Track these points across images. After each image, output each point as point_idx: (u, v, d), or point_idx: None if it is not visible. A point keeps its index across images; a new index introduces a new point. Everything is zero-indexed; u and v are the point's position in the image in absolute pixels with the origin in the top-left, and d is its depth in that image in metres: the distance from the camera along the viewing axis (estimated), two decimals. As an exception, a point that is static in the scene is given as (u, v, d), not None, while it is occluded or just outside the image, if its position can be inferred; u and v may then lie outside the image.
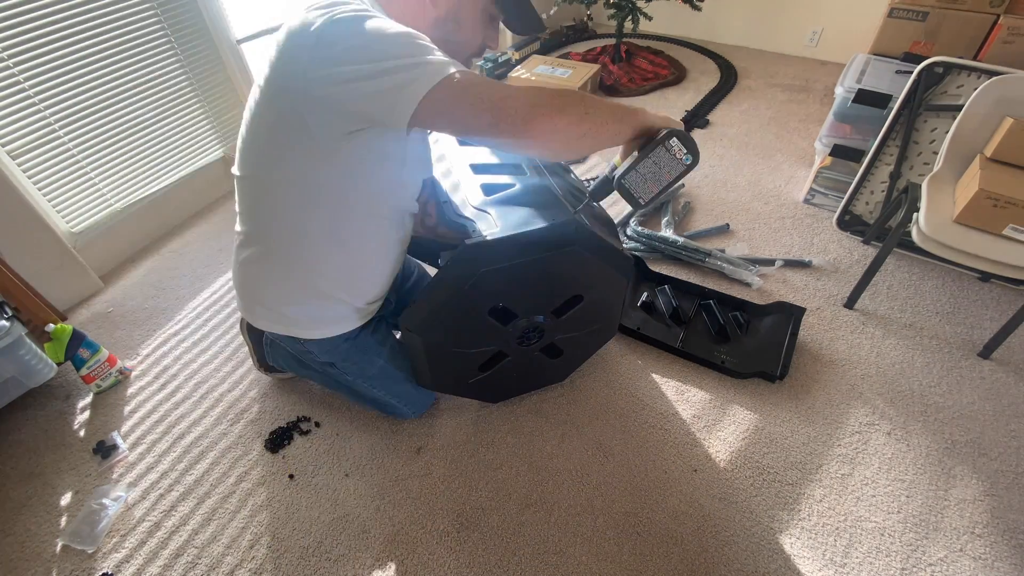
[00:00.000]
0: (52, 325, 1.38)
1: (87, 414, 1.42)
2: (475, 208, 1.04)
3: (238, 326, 1.43)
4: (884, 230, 1.69)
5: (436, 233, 1.15)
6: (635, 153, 0.88)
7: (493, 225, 0.99)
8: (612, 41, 3.03)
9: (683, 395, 1.37)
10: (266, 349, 1.38)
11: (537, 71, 2.75)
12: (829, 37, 2.94)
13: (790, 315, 1.47)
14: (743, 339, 1.46)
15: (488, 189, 1.09)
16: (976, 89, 1.35)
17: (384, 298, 1.16)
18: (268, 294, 1.04)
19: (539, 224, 0.98)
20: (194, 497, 1.22)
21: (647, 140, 0.89)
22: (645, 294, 1.58)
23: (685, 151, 0.86)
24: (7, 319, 1.26)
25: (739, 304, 1.55)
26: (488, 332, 1.11)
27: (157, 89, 1.84)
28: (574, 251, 1.01)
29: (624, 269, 1.12)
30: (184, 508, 1.21)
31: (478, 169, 1.15)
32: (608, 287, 1.15)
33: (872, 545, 1.08)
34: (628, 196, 0.89)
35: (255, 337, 1.38)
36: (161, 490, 1.24)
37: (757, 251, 1.78)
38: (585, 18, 3.51)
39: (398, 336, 1.36)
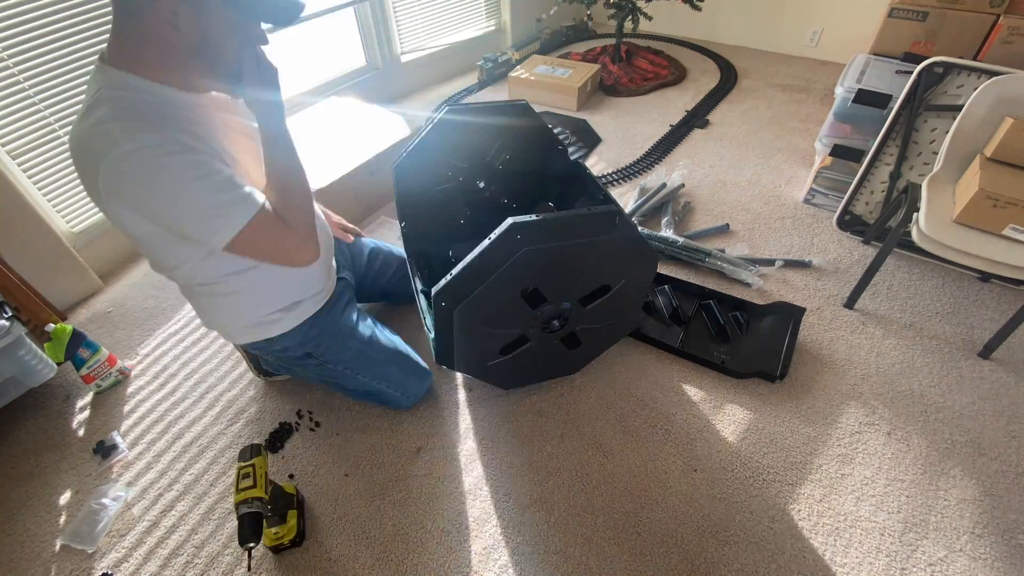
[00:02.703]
0: (52, 325, 1.38)
1: (87, 414, 1.42)
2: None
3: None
4: (884, 230, 1.69)
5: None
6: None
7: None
8: (612, 41, 3.03)
9: (683, 395, 1.37)
10: (260, 357, 1.38)
11: (537, 71, 2.75)
12: (829, 37, 2.94)
13: (790, 315, 1.47)
14: (743, 339, 1.46)
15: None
16: (976, 89, 1.35)
17: (336, 280, 1.23)
18: (223, 322, 1.11)
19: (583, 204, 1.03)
20: (193, 496, 1.22)
21: None
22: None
23: None
24: (7, 319, 1.26)
25: (739, 304, 1.55)
26: (517, 314, 1.13)
27: (157, 89, 1.84)
28: (612, 239, 1.04)
29: (651, 264, 1.16)
30: (183, 507, 1.21)
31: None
32: (634, 280, 1.18)
33: (872, 545, 1.08)
34: None
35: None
36: (161, 489, 1.24)
37: (757, 251, 1.78)
38: (585, 18, 3.50)
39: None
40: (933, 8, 1.80)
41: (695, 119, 2.54)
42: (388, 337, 1.31)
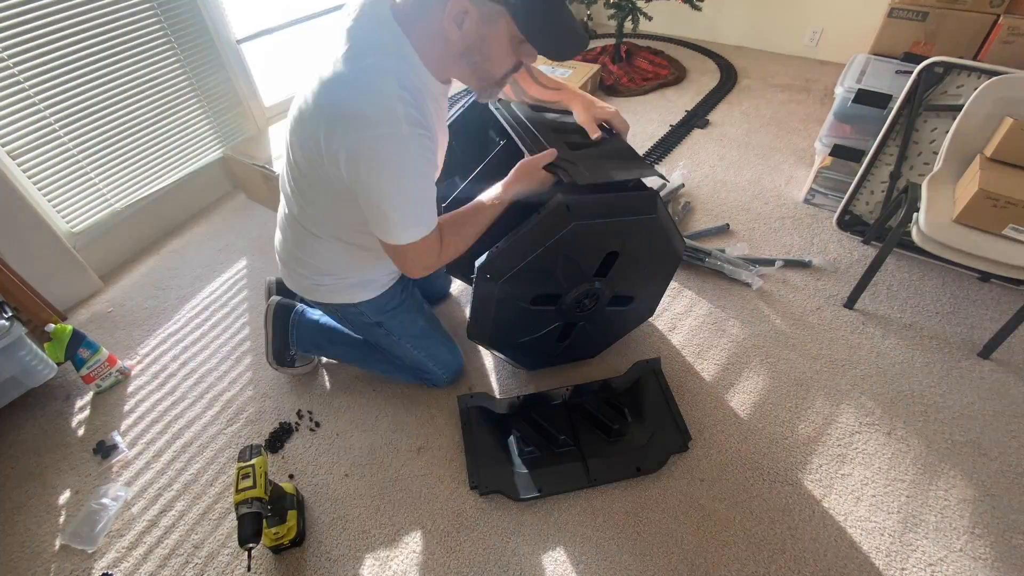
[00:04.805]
0: (52, 325, 1.38)
1: (87, 414, 1.42)
2: (564, 160, 1.09)
3: (264, 314, 1.40)
4: (884, 230, 1.69)
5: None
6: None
7: (584, 174, 1.05)
8: (612, 41, 3.03)
9: (682, 395, 1.37)
10: (292, 333, 1.39)
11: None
12: (829, 37, 2.94)
13: (650, 371, 1.36)
14: (632, 425, 1.27)
15: (574, 146, 1.16)
16: (976, 89, 1.35)
17: None
18: (321, 271, 1.14)
19: (626, 178, 1.07)
20: (193, 496, 1.22)
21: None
22: (513, 436, 1.26)
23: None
24: (7, 319, 1.26)
25: (601, 386, 1.36)
26: (555, 290, 1.16)
27: (157, 89, 1.84)
28: (652, 220, 1.07)
29: (679, 250, 1.19)
30: (182, 507, 1.21)
31: (558, 130, 1.22)
32: (663, 264, 1.22)
33: (872, 545, 1.08)
34: None
35: (279, 325, 1.39)
36: (161, 490, 1.24)
37: (757, 251, 1.78)
38: (585, 18, 3.51)
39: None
40: (933, 8, 1.80)
41: (695, 119, 2.53)
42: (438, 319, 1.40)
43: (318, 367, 1.49)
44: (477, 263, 1.07)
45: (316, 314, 1.41)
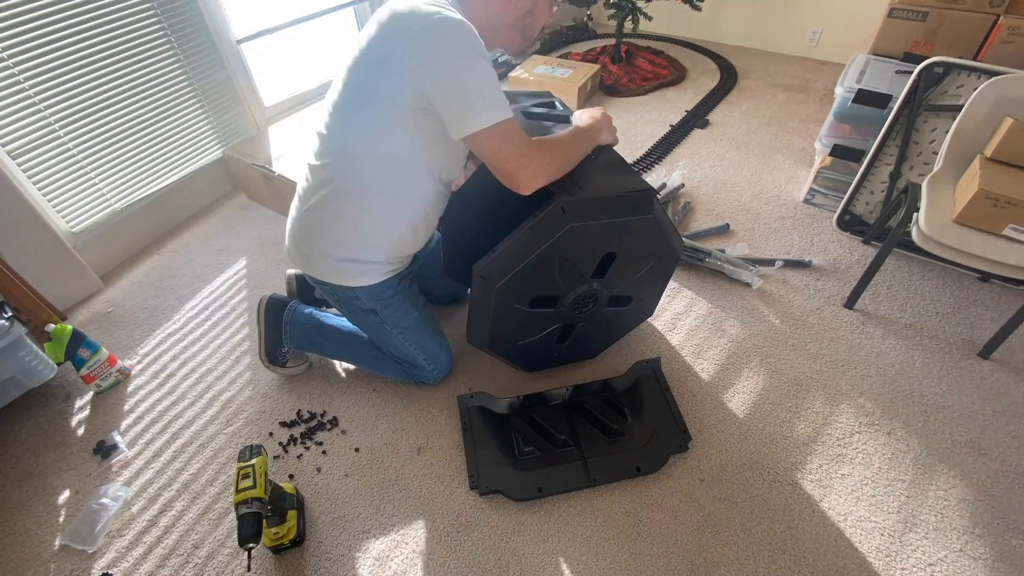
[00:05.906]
0: (52, 325, 1.38)
1: (87, 414, 1.42)
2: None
3: (256, 309, 1.41)
4: (884, 230, 1.69)
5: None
6: None
7: (583, 188, 1.05)
8: (612, 41, 3.03)
9: (681, 394, 1.37)
10: (286, 329, 1.39)
11: (537, 71, 2.75)
12: (829, 37, 2.94)
13: (650, 371, 1.37)
14: (632, 425, 1.27)
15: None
16: (976, 89, 1.35)
17: (414, 255, 1.30)
18: (333, 242, 1.14)
19: (619, 188, 1.07)
20: (192, 496, 1.22)
21: None
22: (513, 437, 1.27)
23: None
24: (7, 319, 1.26)
25: (602, 386, 1.36)
26: (553, 292, 1.16)
27: (157, 89, 1.84)
28: (649, 220, 1.07)
29: (678, 249, 1.20)
30: (181, 506, 1.21)
31: (531, 116, 1.22)
32: (661, 264, 1.21)
33: (872, 545, 1.08)
34: None
35: (272, 321, 1.39)
36: (161, 490, 1.24)
37: (757, 251, 1.78)
38: (585, 18, 3.51)
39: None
40: (933, 8, 1.81)
41: (695, 119, 2.53)
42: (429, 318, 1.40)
43: (311, 368, 1.49)
44: (474, 267, 1.07)
45: (309, 310, 1.41)
